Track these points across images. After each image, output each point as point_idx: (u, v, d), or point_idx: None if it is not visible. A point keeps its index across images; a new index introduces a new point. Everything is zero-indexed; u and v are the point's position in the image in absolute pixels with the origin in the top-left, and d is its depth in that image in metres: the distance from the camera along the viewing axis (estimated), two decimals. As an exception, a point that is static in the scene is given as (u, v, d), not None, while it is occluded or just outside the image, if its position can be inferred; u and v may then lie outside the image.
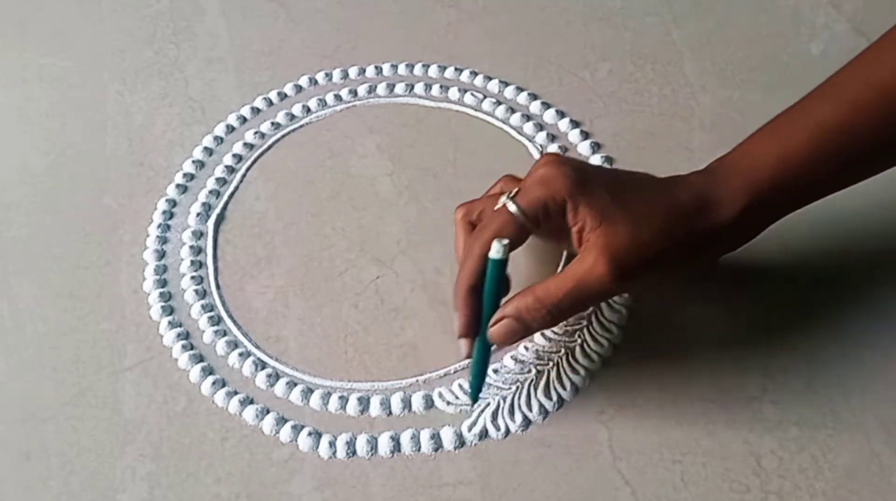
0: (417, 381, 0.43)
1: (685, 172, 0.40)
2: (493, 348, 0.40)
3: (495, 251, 0.38)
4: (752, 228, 0.40)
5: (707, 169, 0.40)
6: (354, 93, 0.56)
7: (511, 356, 0.44)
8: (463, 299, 0.39)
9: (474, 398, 0.41)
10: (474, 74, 0.56)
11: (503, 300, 0.39)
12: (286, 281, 0.47)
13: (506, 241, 0.38)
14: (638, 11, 0.59)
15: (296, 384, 0.43)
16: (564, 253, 0.46)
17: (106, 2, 0.63)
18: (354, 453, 0.41)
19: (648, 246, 0.38)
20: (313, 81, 0.57)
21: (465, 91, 0.55)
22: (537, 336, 0.44)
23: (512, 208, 0.38)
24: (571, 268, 0.38)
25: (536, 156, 0.52)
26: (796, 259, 0.46)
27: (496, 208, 0.39)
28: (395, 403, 0.42)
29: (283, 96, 0.56)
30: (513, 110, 0.54)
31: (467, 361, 0.40)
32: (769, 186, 0.38)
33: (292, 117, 0.55)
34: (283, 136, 0.54)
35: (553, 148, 0.52)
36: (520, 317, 0.38)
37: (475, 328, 0.39)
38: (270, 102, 0.56)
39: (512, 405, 0.42)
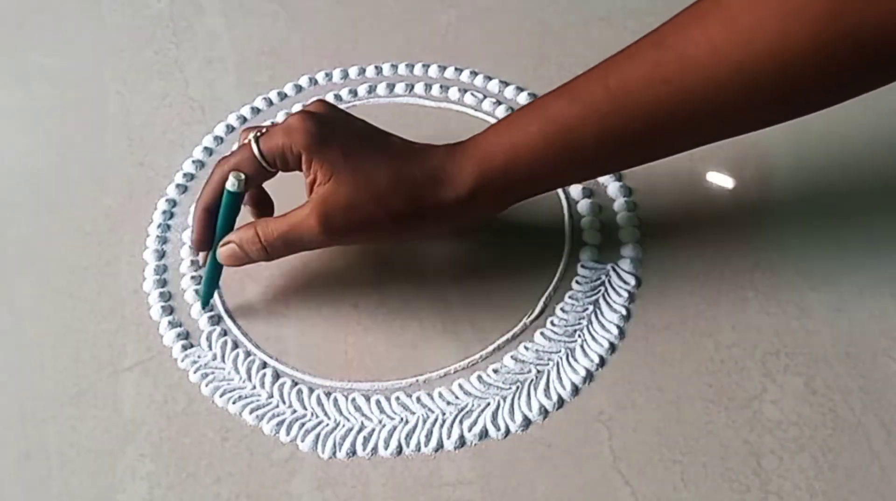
0: (417, 381, 0.43)
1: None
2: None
3: (229, 184, 0.42)
4: (479, 209, 0.42)
5: (451, 146, 0.42)
6: (354, 93, 0.56)
7: (511, 356, 0.44)
8: (198, 217, 0.43)
9: (204, 303, 0.46)
10: (474, 73, 0.56)
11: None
12: (286, 281, 0.47)
13: (242, 176, 0.41)
14: (638, 11, 0.59)
15: (296, 384, 0.43)
16: None
17: (106, 2, 0.63)
18: (354, 453, 0.41)
19: (361, 211, 0.40)
20: (313, 81, 0.57)
21: (465, 91, 0.55)
22: (537, 336, 0.44)
23: (254, 148, 0.41)
24: (291, 214, 0.41)
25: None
26: (795, 259, 0.46)
27: (243, 141, 0.42)
28: (395, 403, 0.42)
29: (283, 96, 0.56)
30: (513, 110, 0.54)
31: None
32: (499, 173, 0.40)
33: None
34: (283, 136, 0.54)
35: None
36: (241, 246, 0.42)
37: (207, 243, 0.44)
38: (270, 102, 0.56)
39: (512, 405, 0.42)
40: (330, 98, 0.55)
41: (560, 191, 0.50)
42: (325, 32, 0.60)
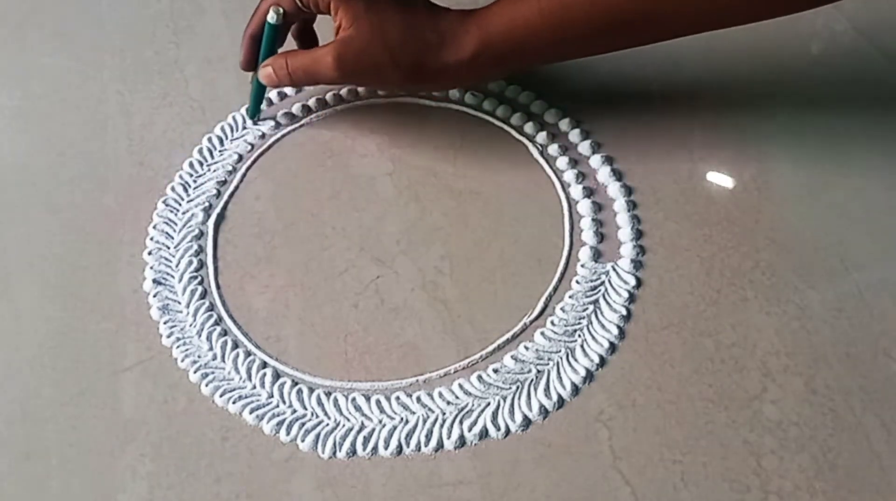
0: (417, 381, 0.43)
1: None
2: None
3: (269, 17, 0.49)
4: (479, 71, 0.48)
5: (463, 11, 0.47)
6: (355, 93, 0.56)
7: (511, 356, 0.44)
8: (245, 43, 0.51)
9: (251, 115, 0.54)
10: (474, 73, 0.56)
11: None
12: (286, 281, 0.47)
13: (281, 10, 0.49)
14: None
15: (296, 384, 0.43)
16: None
17: (106, 2, 0.63)
18: (354, 453, 0.41)
19: (372, 58, 0.46)
20: (313, 81, 0.57)
21: (466, 91, 0.55)
22: (537, 336, 0.44)
23: None
24: (316, 50, 0.48)
25: (536, 156, 0.52)
26: (795, 259, 0.46)
27: None
28: (395, 403, 0.42)
29: (282, 96, 0.56)
30: (513, 110, 0.54)
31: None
32: (499, 41, 0.46)
33: (292, 117, 0.55)
34: (283, 136, 0.54)
35: (554, 148, 0.52)
36: (274, 70, 0.49)
37: (252, 65, 0.52)
38: (270, 102, 0.56)
39: (512, 405, 0.42)
40: (330, 98, 0.55)
41: (560, 191, 0.50)
42: (325, 32, 0.60)
